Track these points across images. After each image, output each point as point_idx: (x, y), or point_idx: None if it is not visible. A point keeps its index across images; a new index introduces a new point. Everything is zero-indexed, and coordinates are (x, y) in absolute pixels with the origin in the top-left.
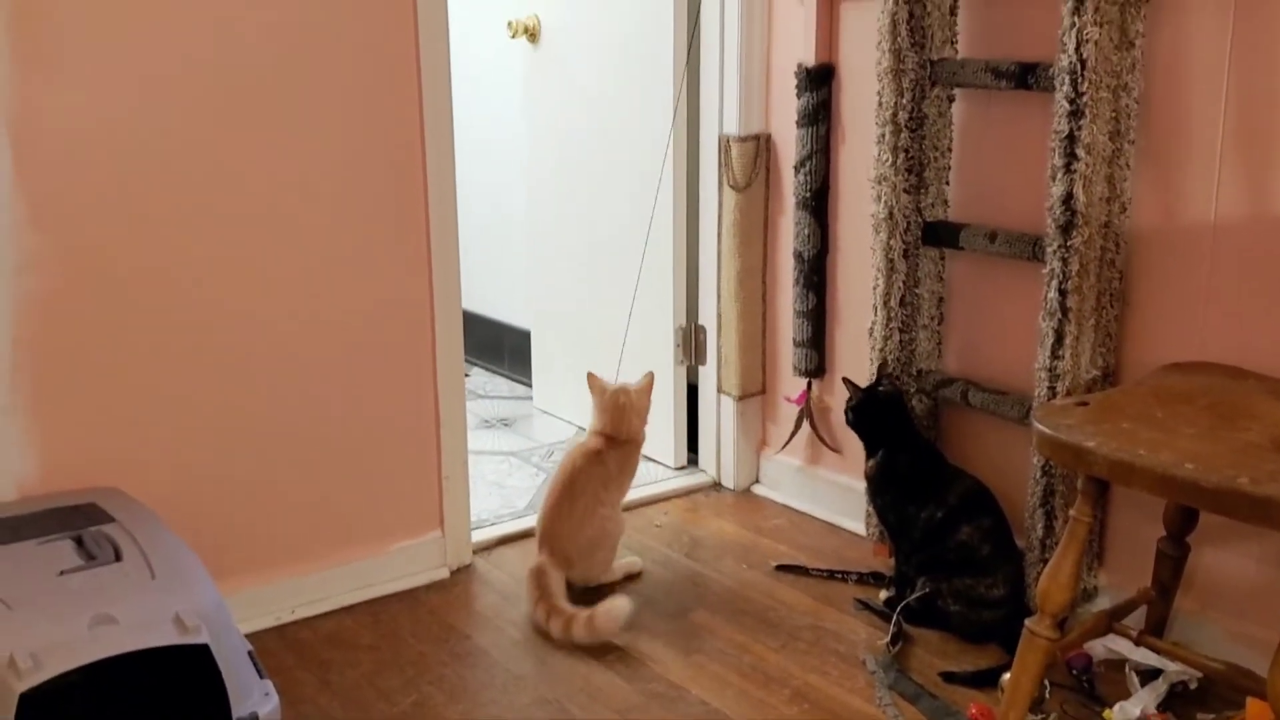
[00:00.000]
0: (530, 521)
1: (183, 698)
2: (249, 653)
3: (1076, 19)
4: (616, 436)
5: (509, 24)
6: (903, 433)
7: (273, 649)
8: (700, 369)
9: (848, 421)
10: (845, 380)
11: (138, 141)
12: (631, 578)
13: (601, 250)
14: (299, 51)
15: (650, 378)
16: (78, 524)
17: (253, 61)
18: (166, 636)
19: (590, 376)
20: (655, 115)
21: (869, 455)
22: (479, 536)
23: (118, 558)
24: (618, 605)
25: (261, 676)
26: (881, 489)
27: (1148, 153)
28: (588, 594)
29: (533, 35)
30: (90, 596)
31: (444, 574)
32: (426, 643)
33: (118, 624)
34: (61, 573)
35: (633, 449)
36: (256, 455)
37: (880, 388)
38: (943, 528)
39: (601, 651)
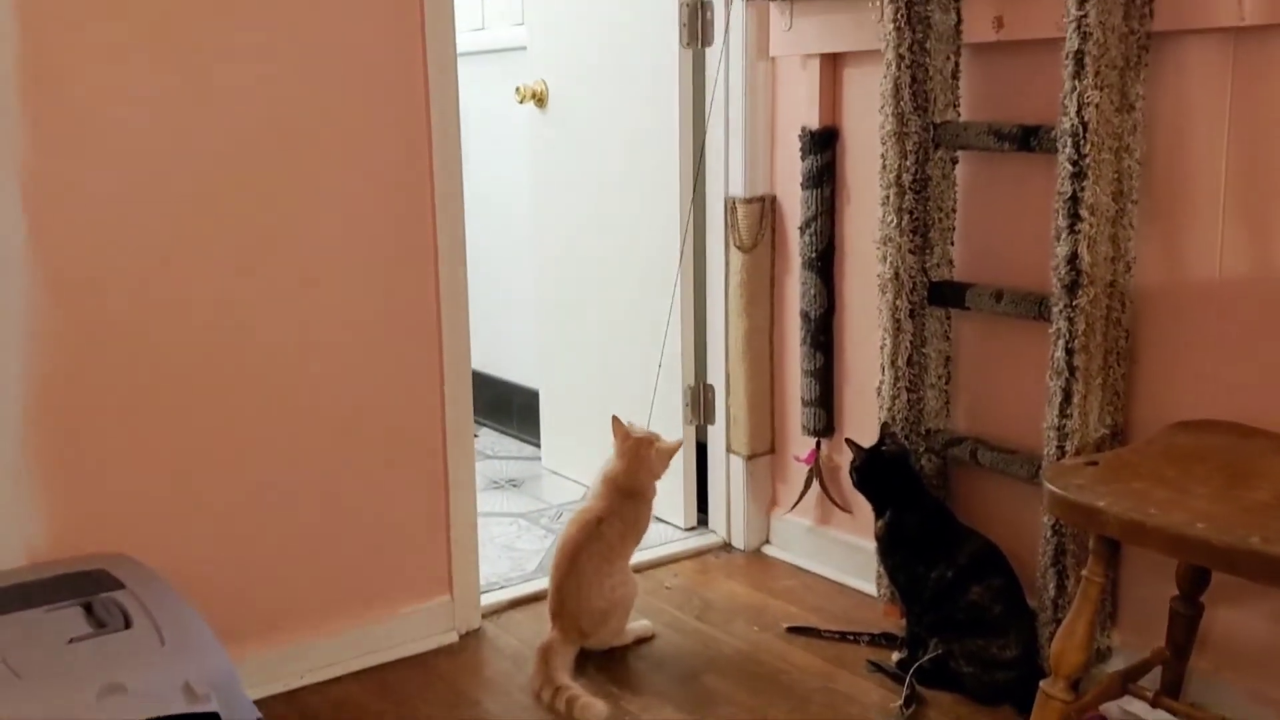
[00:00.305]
0: (540, 584)
1: None
2: (258, 719)
3: (1077, 82)
4: (625, 486)
5: (517, 90)
6: (910, 492)
7: (282, 715)
8: (709, 428)
9: (853, 483)
10: (848, 441)
11: (152, 213)
12: (643, 641)
13: (609, 310)
14: (311, 123)
15: (679, 445)
16: (87, 591)
17: (265, 132)
18: (177, 705)
19: (615, 420)
20: (662, 177)
21: (877, 516)
22: (488, 600)
23: (127, 625)
24: (596, 708)
25: None
26: (891, 550)
27: (1151, 212)
28: (602, 655)
29: (540, 100)
30: (100, 664)
31: (453, 638)
32: (436, 709)
33: (127, 692)
34: (71, 640)
35: (641, 503)
36: (265, 520)
37: (884, 447)
38: (953, 588)
39: (613, 717)
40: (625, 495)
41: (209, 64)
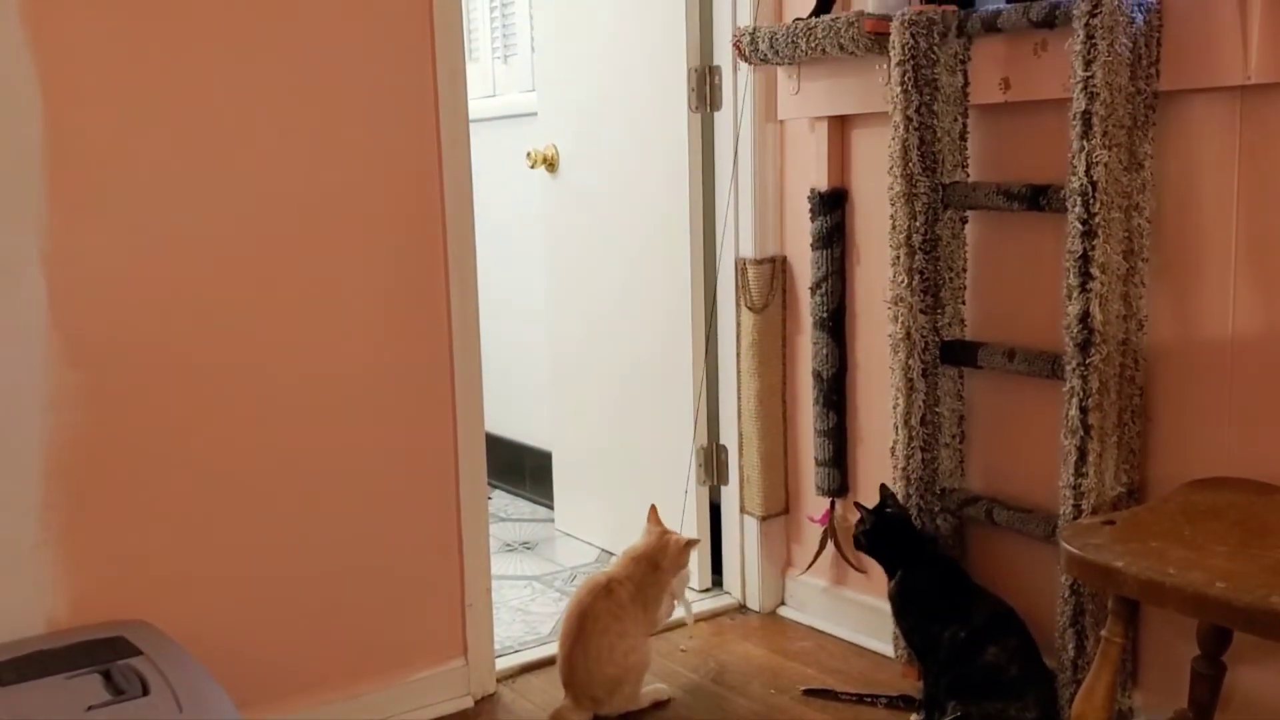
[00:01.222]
0: (555, 647)
1: None
2: None
3: (1085, 142)
4: (645, 556)
5: (528, 155)
6: (917, 551)
7: None
8: (722, 489)
9: (858, 546)
10: (857, 505)
11: (171, 282)
12: (659, 705)
13: (622, 371)
14: (326, 192)
15: (696, 543)
16: (106, 658)
17: (282, 204)
18: None
19: (653, 508)
20: (672, 239)
21: (889, 577)
22: (503, 664)
23: (145, 692)
24: None
25: None
26: (904, 610)
27: (1162, 270)
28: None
29: (551, 165)
30: None
31: (468, 703)
32: None
33: None
34: (89, 708)
35: (659, 576)
36: (280, 587)
37: (887, 509)
38: (968, 648)
39: None
40: (647, 566)
41: (229, 137)
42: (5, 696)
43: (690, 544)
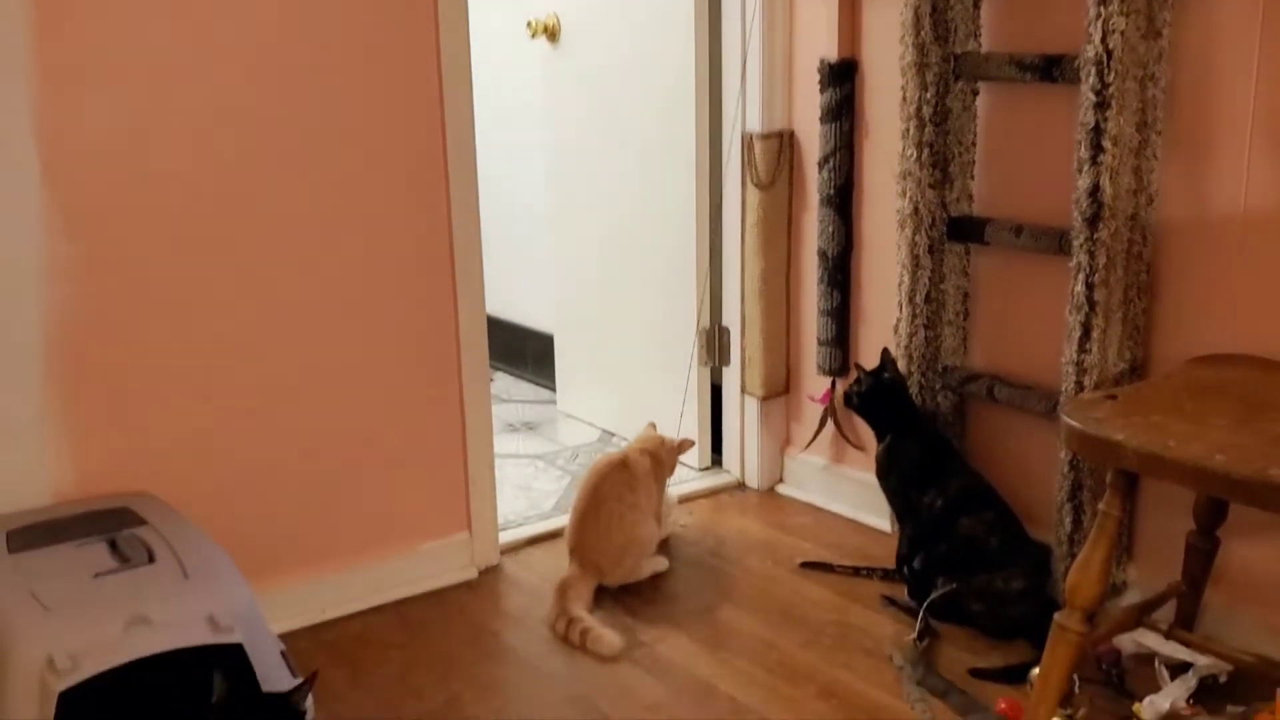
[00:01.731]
0: (557, 522)
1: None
2: (281, 652)
3: (1103, 9)
4: (653, 453)
5: (529, 24)
6: (908, 418)
7: (304, 648)
8: (724, 370)
9: (849, 404)
10: (857, 365)
11: (167, 152)
12: (657, 576)
13: (624, 253)
14: (322, 60)
15: (690, 445)
16: (111, 527)
17: (278, 70)
18: (201, 636)
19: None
20: (677, 114)
21: (879, 440)
22: (506, 538)
23: (151, 560)
24: (609, 637)
25: (294, 675)
26: (887, 473)
27: (1175, 143)
28: (618, 589)
29: (553, 35)
30: (125, 598)
31: (472, 574)
32: (456, 642)
33: (152, 624)
34: (96, 575)
35: (662, 466)
36: (286, 459)
37: (885, 374)
38: (943, 518)
39: (629, 649)
40: (650, 458)
41: (222, 6)
42: (14, 563)
43: (684, 445)
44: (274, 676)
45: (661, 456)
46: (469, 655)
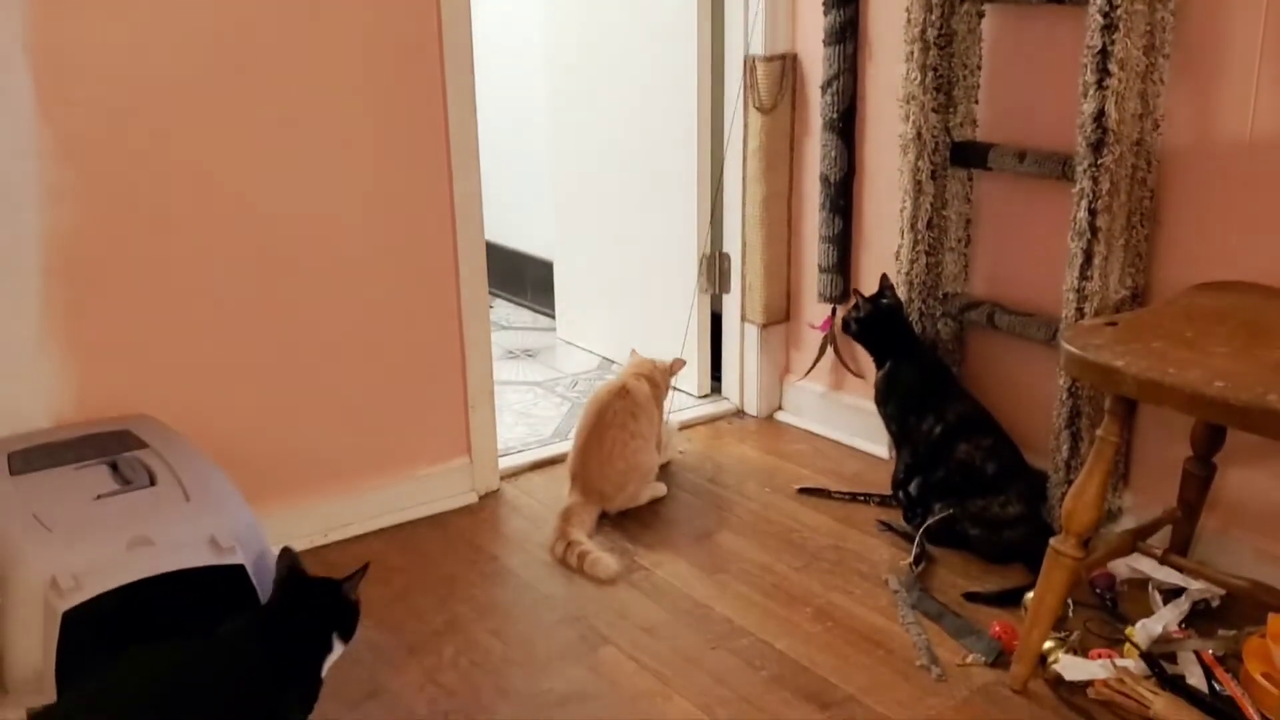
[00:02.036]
0: (557, 449)
1: (220, 617)
2: None
3: None
4: (649, 376)
5: None
6: (906, 344)
7: None
8: (724, 297)
9: (847, 330)
10: (855, 291)
11: (163, 71)
12: (656, 501)
13: (624, 179)
14: None
15: (682, 364)
16: (112, 450)
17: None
18: (203, 557)
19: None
20: (679, 37)
21: (878, 367)
22: (506, 463)
23: (152, 482)
24: (606, 560)
25: None
26: (886, 399)
27: (1183, 67)
28: (618, 514)
29: None
30: (127, 519)
31: (472, 499)
32: (456, 564)
33: (154, 545)
34: (98, 497)
35: (658, 392)
36: (286, 383)
37: (883, 299)
38: (941, 442)
39: (627, 571)
40: (647, 382)
41: None
42: (16, 485)
43: (675, 366)
44: None
45: (656, 379)
46: (469, 578)
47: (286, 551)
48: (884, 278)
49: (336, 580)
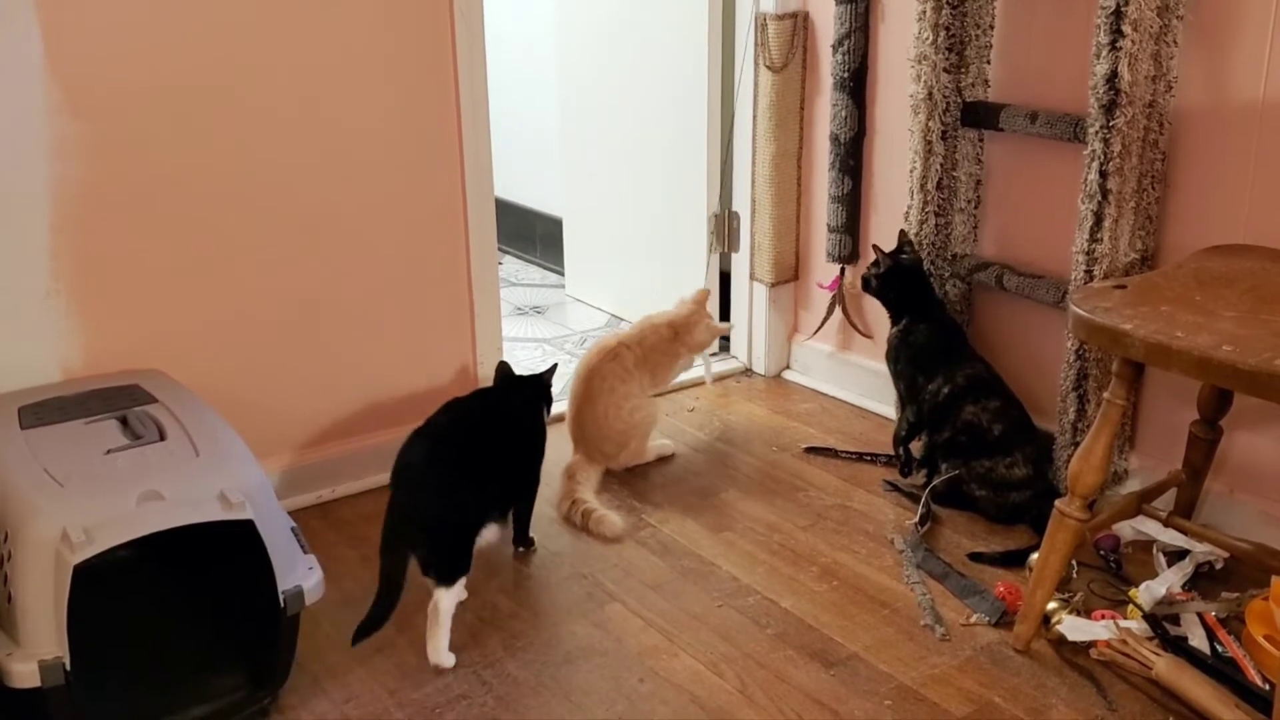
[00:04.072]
0: (564, 406)
1: (230, 572)
2: (292, 529)
3: None
4: (679, 327)
5: None
6: (924, 302)
7: (315, 527)
8: (733, 256)
9: (866, 288)
10: (875, 247)
11: (174, 26)
12: (664, 460)
13: (635, 136)
14: None
15: (729, 329)
16: (122, 404)
17: None
18: (212, 512)
19: (704, 292)
20: None
21: (893, 323)
22: None
23: (162, 437)
24: (611, 518)
25: (305, 552)
26: (896, 356)
27: (1197, 29)
28: (624, 472)
29: None
30: (137, 474)
31: None
32: None
33: (165, 500)
34: (108, 451)
35: (677, 347)
36: (295, 338)
37: (903, 255)
38: (948, 405)
39: (634, 529)
40: (667, 333)
41: None
42: (26, 439)
43: (721, 330)
44: (284, 554)
45: (684, 336)
46: None
47: (502, 364)
48: (902, 233)
49: (539, 374)
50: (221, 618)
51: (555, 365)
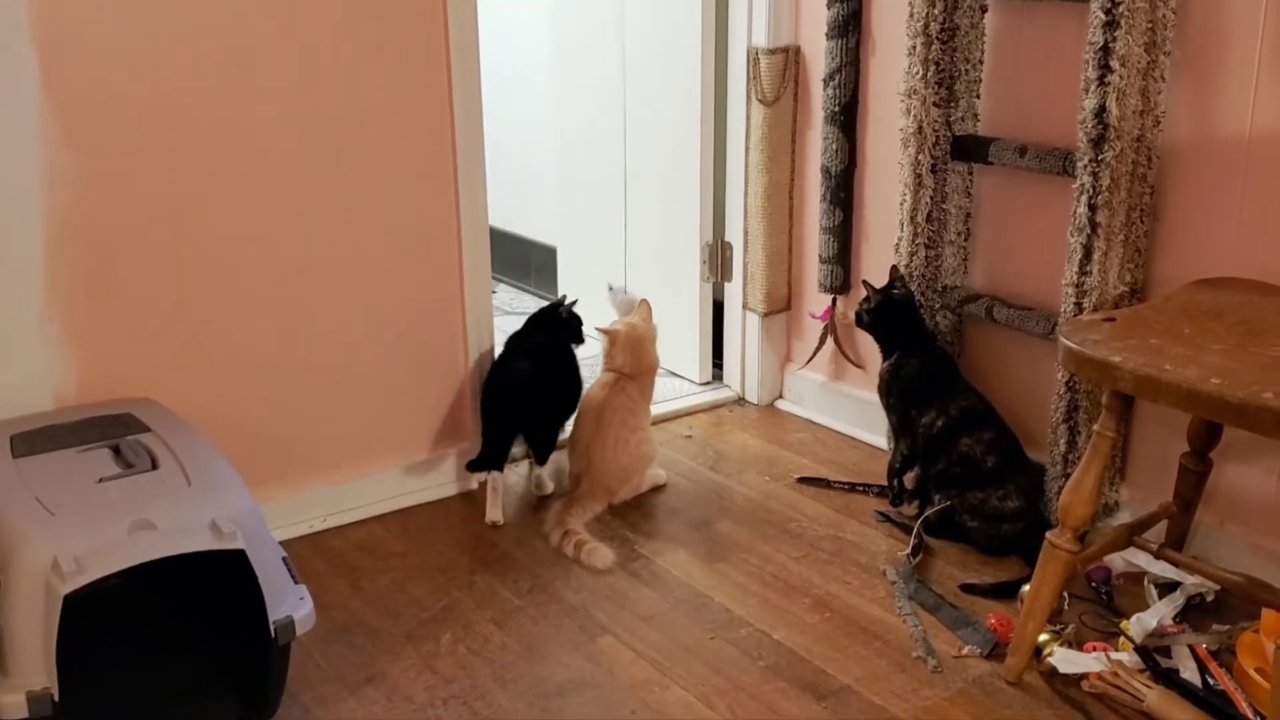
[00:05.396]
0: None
1: (220, 601)
2: (283, 559)
3: None
4: (636, 373)
5: None
6: (916, 336)
7: (305, 556)
8: (726, 285)
9: (859, 323)
10: (865, 283)
11: (168, 58)
12: (657, 489)
13: (629, 166)
14: None
15: (646, 306)
16: (115, 433)
17: None
18: (204, 542)
19: (600, 331)
20: (683, 27)
21: (885, 357)
22: None
23: (154, 466)
24: (602, 550)
25: (296, 582)
26: (889, 390)
27: (1183, 64)
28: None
29: None
30: (129, 503)
31: (473, 485)
32: (456, 551)
33: (156, 529)
34: (100, 480)
35: (650, 375)
36: (288, 367)
37: (894, 290)
38: (942, 437)
39: (626, 560)
40: (635, 377)
41: None
42: (19, 468)
43: (648, 331)
44: (276, 584)
45: (643, 333)
46: (468, 564)
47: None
48: (894, 269)
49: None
50: (212, 647)
51: (572, 300)
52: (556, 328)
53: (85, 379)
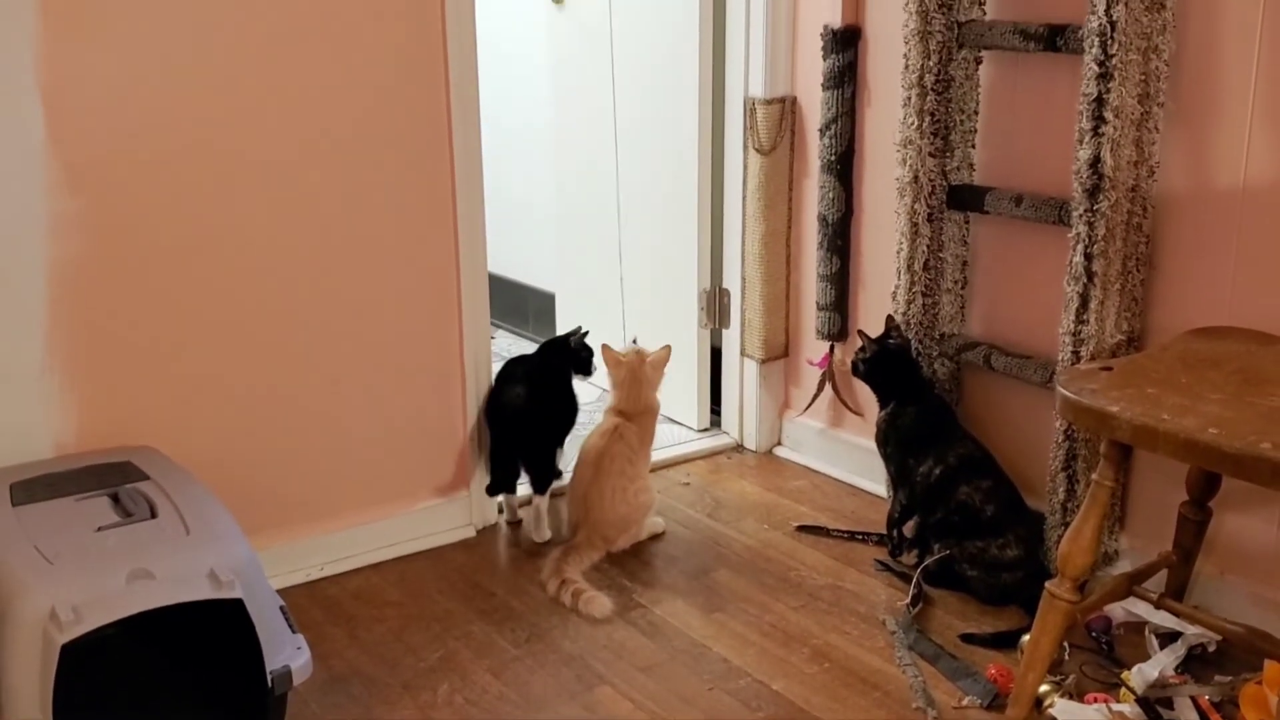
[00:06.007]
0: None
1: (218, 651)
2: (281, 608)
3: None
4: (631, 411)
5: None
6: (912, 385)
7: (303, 605)
8: (724, 332)
9: (855, 372)
10: (860, 333)
11: (171, 106)
12: (655, 538)
13: (627, 213)
14: (326, 15)
15: (667, 351)
16: (114, 481)
17: (280, 22)
18: (202, 591)
19: (604, 349)
20: (681, 78)
21: (881, 407)
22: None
23: (153, 514)
24: (600, 600)
25: (293, 631)
26: (886, 439)
27: (1177, 116)
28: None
29: None
30: (127, 552)
31: (470, 533)
32: (453, 600)
33: (154, 578)
34: (99, 529)
35: (649, 418)
36: (286, 415)
37: (890, 340)
38: (941, 486)
39: (624, 609)
40: (634, 417)
41: None
42: (18, 516)
43: (660, 359)
44: (273, 633)
45: (645, 372)
46: (465, 614)
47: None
48: (889, 319)
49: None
50: (209, 697)
51: (586, 331)
52: (562, 355)
53: (85, 427)
